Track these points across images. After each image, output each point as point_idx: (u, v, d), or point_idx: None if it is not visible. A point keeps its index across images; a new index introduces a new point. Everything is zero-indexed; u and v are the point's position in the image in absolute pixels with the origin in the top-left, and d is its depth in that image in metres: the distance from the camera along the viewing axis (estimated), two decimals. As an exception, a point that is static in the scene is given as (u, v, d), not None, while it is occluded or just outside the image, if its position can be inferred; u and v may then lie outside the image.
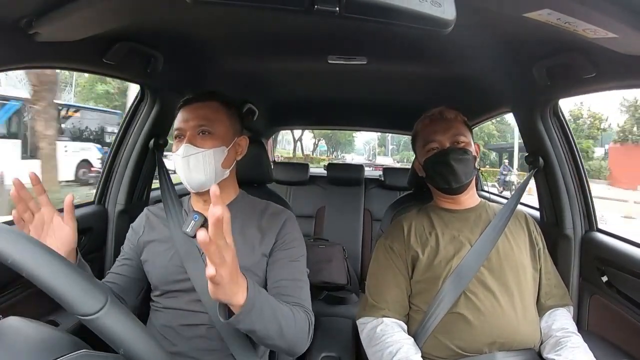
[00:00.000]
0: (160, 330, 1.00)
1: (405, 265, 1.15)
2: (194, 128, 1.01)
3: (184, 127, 1.02)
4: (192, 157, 0.98)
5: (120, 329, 0.55)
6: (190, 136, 1.00)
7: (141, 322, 0.59)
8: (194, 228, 1.02)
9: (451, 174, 1.14)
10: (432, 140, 1.18)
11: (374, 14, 0.57)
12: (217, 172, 1.03)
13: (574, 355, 0.97)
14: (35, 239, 0.57)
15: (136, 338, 0.56)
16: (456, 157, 1.14)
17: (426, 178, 1.25)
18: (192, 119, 1.02)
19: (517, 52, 1.09)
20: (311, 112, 2.58)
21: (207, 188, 1.02)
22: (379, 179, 2.75)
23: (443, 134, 1.17)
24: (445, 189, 1.18)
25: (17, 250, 0.53)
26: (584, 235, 1.32)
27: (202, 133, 1.01)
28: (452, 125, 1.18)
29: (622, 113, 19.39)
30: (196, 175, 0.99)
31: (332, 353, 1.26)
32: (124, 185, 1.45)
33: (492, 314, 1.03)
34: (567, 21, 0.69)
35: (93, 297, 0.54)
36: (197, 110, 1.03)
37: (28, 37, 0.81)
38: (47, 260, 0.54)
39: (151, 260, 1.05)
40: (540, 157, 1.34)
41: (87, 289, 0.54)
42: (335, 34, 1.11)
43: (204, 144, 1.00)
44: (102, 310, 0.53)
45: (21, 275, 0.53)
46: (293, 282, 0.99)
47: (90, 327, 0.54)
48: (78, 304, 0.53)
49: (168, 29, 1.08)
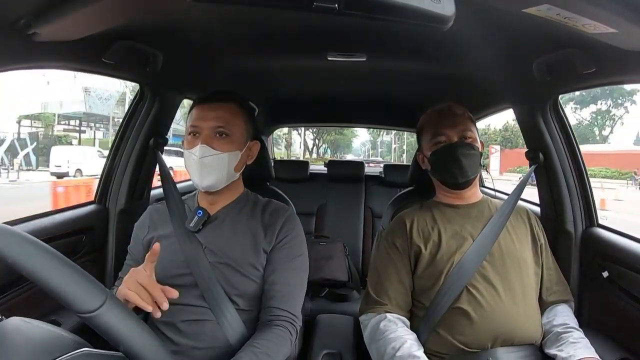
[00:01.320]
0: (161, 327, 1.01)
1: (407, 261, 1.15)
2: (212, 129, 1.00)
3: (201, 126, 1.01)
4: (208, 159, 0.99)
5: (120, 326, 0.55)
6: (207, 136, 1.00)
7: (141, 320, 0.60)
8: (198, 223, 1.04)
9: (458, 168, 1.14)
10: (440, 133, 1.18)
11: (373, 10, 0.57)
12: (229, 175, 1.04)
13: (575, 351, 0.97)
14: (35, 239, 0.57)
15: (136, 335, 0.56)
16: (464, 152, 1.14)
17: (431, 171, 1.24)
18: (210, 119, 1.01)
19: (516, 48, 1.09)
20: (310, 109, 2.58)
21: (217, 189, 1.04)
22: (379, 175, 2.75)
23: (452, 128, 1.16)
24: (452, 183, 1.18)
25: (16, 249, 0.53)
26: (584, 231, 1.31)
27: (219, 134, 1.01)
28: (460, 120, 1.18)
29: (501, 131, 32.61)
30: (210, 176, 1.00)
31: (334, 350, 1.26)
32: (125, 184, 1.45)
33: (494, 309, 1.03)
34: (567, 16, 0.69)
35: (92, 295, 0.54)
36: (216, 110, 1.02)
37: (26, 37, 0.81)
38: (47, 259, 0.55)
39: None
40: (540, 153, 1.33)
41: (86, 287, 0.55)
42: (334, 31, 1.10)
43: (221, 147, 1.00)
44: (102, 308, 0.54)
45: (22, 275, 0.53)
46: (287, 288, 1.02)
47: (90, 325, 0.54)
48: (78, 301, 0.53)
49: (167, 28, 1.07)
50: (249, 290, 1.02)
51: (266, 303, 1.01)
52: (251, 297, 1.03)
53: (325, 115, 2.81)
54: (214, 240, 1.04)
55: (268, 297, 1.01)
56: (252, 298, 1.03)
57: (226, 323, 0.98)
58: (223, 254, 1.02)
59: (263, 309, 1.01)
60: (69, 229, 1.27)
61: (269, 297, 1.01)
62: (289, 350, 0.98)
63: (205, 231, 1.05)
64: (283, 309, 1.00)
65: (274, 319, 0.99)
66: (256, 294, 1.03)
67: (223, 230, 1.06)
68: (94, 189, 1.58)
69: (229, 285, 1.00)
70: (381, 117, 2.72)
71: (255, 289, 1.03)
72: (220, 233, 1.05)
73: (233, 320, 0.99)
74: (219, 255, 1.02)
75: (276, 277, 1.02)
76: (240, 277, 1.01)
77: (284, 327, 0.98)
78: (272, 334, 0.95)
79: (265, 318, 0.99)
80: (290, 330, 0.99)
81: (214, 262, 1.01)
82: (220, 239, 1.04)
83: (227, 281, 1.00)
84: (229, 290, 1.00)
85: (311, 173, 2.70)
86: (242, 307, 1.01)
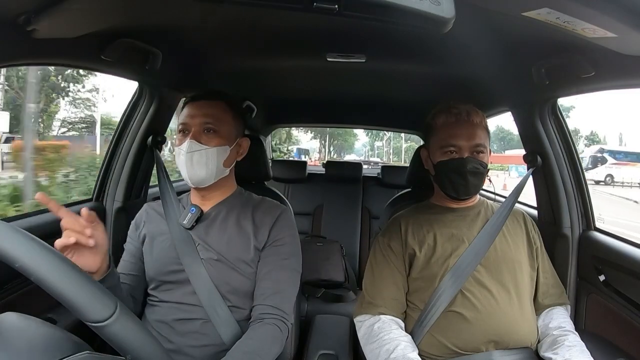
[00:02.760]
0: (155, 325, 1.01)
1: (402, 263, 1.15)
2: (200, 125, 1.03)
3: (190, 123, 1.04)
4: (196, 154, 1.01)
5: (129, 336, 0.55)
6: (196, 132, 1.02)
7: (150, 332, 0.60)
8: (191, 220, 1.05)
9: (463, 185, 1.12)
10: (452, 144, 1.12)
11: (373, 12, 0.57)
12: (218, 170, 1.05)
13: (570, 354, 0.98)
14: (45, 244, 0.56)
15: (144, 345, 0.57)
16: (472, 170, 1.10)
17: (434, 177, 1.21)
18: (198, 116, 1.04)
19: (515, 51, 1.09)
20: (309, 110, 2.58)
21: (207, 184, 1.05)
22: (377, 176, 2.74)
23: (466, 140, 1.11)
24: (453, 196, 1.16)
25: (27, 254, 0.53)
26: (581, 234, 1.32)
27: (207, 131, 1.03)
28: (475, 132, 1.12)
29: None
30: (198, 171, 1.02)
31: (330, 351, 1.26)
32: (122, 183, 1.45)
33: (489, 312, 1.03)
34: (566, 20, 0.69)
35: (103, 305, 0.54)
36: (204, 107, 1.05)
37: (26, 33, 0.81)
38: (58, 266, 0.54)
39: (148, 252, 1.07)
40: (538, 156, 1.34)
41: (97, 296, 0.55)
42: (334, 32, 1.10)
43: (209, 142, 1.02)
44: (112, 318, 0.54)
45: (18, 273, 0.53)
46: (278, 285, 1.03)
47: (99, 334, 0.54)
48: (89, 311, 0.53)
49: (167, 26, 1.07)
50: (241, 287, 1.03)
51: (257, 301, 1.02)
52: (244, 294, 1.03)
53: (324, 115, 2.81)
54: (207, 237, 1.05)
55: (259, 295, 1.02)
56: (244, 295, 1.03)
57: (219, 320, 0.98)
58: (216, 250, 1.03)
59: (254, 306, 1.02)
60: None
61: (260, 295, 1.02)
62: (280, 348, 0.98)
63: (199, 228, 1.06)
64: (274, 306, 1.00)
65: (264, 316, 0.99)
66: (249, 291, 1.03)
67: (216, 227, 1.06)
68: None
69: (221, 282, 1.01)
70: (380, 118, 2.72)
71: (248, 286, 1.03)
72: (213, 230, 1.06)
73: (226, 318, 0.99)
74: (211, 252, 1.03)
75: (267, 275, 1.03)
76: (233, 273, 1.02)
77: (275, 325, 0.98)
78: (262, 333, 0.96)
79: (256, 316, 1.00)
80: (281, 327, 0.99)
81: (207, 259, 1.02)
82: (213, 235, 1.05)
83: (219, 278, 1.01)
84: (221, 287, 1.01)
85: (309, 173, 2.70)
86: (235, 304, 1.02)
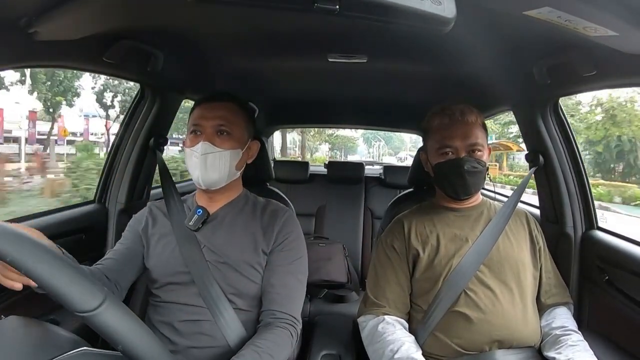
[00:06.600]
0: (159, 327, 1.01)
1: (406, 264, 1.14)
2: (214, 127, 1.02)
3: (203, 124, 1.03)
4: (210, 156, 1.00)
5: (119, 325, 0.55)
6: (210, 135, 1.02)
7: (140, 320, 0.60)
8: (197, 222, 1.05)
9: (461, 185, 1.12)
10: (448, 145, 1.12)
11: (373, 12, 0.56)
12: (231, 173, 1.05)
13: (574, 353, 0.97)
14: (33, 238, 0.56)
15: (134, 334, 0.56)
16: (470, 170, 1.10)
17: (433, 179, 1.21)
18: (212, 118, 1.03)
19: (517, 51, 1.09)
20: (311, 110, 2.58)
21: (218, 186, 1.05)
22: (379, 177, 2.74)
23: (461, 140, 1.10)
24: (453, 197, 1.16)
25: (15, 248, 0.53)
26: (584, 234, 1.31)
27: (220, 133, 1.03)
28: (471, 130, 1.11)
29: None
30: (211, 173, 1.01)
31: (333, 351, 1.26)
32: (125, 184, 1.45)
33: (492, 312, 1.03)
34: (568, 19, 0.69)
35: (91, 294, 0.54)
36: (218, 109, 1.04)
37: (27, 36, 0.81)
38: (45, 258, 0.54)
39: (152, 253, 1.06)
40: (540, 155, 1.33)
41: (85, 286, 0.55)
42: (335, 32, 1.10)
43: (222, 144, 1.02)
44: (100, 307, 0.54)
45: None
46: (287, 290, 1.02)
47: (88, 324, 0.54)
48: (76, 301, 0.53)
49: (168, 28, 1.07)
50: (247, 290, 1.02)
51: (267, 306, 1.01)
52: (250, 297, 1.03)
53: (325, 116, 2.81)
54: (213, 239, 1.04)
55: (268, 300, 1.01)
56: (250, 298, 1.03)
57: (224, 323, 0.98)
58: (222, 253, 1.02)
59: (263, 311, 1.01)
60: (69, 228, 1.27)
61: (269, 300, 1.01)
62: (289, 352, 0.98)
63: (204, 230, 1.05)
64: (284, 311, 1.00)
65: (274, 321, 0.98)
66: (255, 294, 1.03)
67: (222, 229, 1.06)
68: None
69: (227, 284, 1.00)
70: (382, 119, 2.72)
71: (254, 289, 1.03)
72: (220, 232, 1.05)
73: (231, 320, 0.99)
74: (217, 255, 1.02)
75: (276, 280, 1.02)
76: (239, 276, 1.01)
77: (286, 329, 0.98)
78: (274, 335, 0.95)
79: (266, 320, 0.99)
80: (292, 332, 0.99)
81: (213, 261, 1.01)
82: (219, 238, 1.04)
83: (225, 280, 1.00)
84: (226, 289, 1.00)
85: (311, 174, 2.69)
86: (240, 307, 1.01)
